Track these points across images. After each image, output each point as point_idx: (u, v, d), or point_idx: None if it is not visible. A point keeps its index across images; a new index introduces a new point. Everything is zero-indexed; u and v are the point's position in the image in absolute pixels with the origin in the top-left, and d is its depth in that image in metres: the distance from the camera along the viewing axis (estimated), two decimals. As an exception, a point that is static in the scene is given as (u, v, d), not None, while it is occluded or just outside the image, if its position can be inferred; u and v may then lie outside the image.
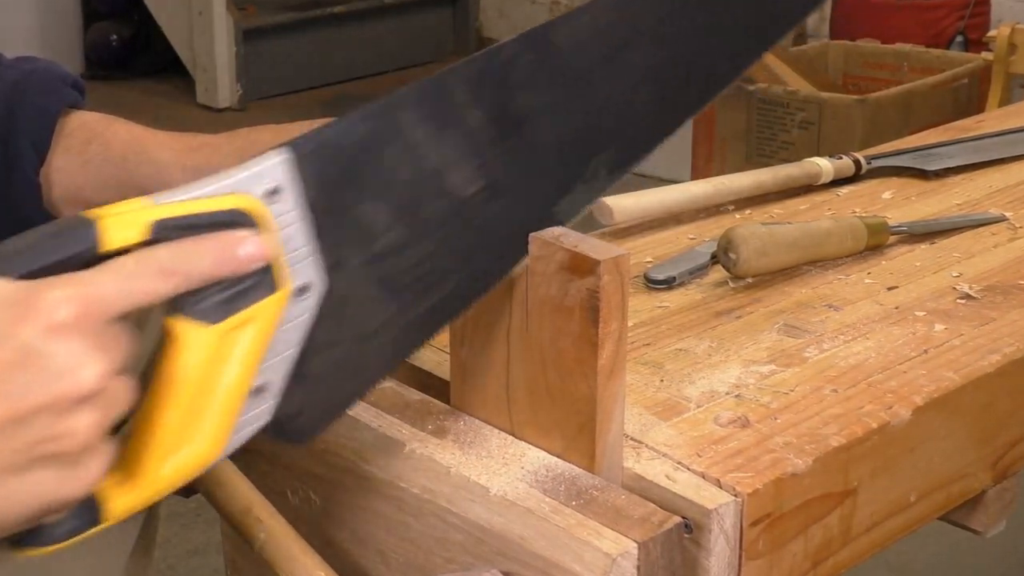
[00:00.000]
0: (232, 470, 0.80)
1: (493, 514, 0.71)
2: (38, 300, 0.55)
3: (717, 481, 0.73)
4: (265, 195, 0.62)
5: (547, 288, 0.73)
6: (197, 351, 0.60)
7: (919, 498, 0.85)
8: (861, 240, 1.03)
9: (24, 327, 0.55)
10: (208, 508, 0.82)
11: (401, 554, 0.77)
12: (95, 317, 0.56)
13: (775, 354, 0.88)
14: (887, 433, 0.80)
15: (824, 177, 1.18)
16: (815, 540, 0.78)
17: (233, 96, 4.78)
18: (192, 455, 0.61)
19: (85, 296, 0.56)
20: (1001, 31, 2.98)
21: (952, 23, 3.72)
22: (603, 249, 0.71)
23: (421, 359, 0.86)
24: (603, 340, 0.71)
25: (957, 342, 0.90)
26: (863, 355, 0.88)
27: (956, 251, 1.06)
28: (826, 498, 0.77)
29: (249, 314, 0.62)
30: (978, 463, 0.88)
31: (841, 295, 0.97)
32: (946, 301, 0.96)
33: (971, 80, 3.19)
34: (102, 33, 5.05)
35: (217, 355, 0.61)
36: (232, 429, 0.62)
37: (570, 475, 0.74)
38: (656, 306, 0.96)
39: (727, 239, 0.97)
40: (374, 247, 0.68)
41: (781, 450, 0.76)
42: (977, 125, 1.38)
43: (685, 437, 0.78)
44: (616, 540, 0.68)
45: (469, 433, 0.78)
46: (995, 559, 2.05)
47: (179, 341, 0.60)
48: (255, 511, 0.77)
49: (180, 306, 0.60)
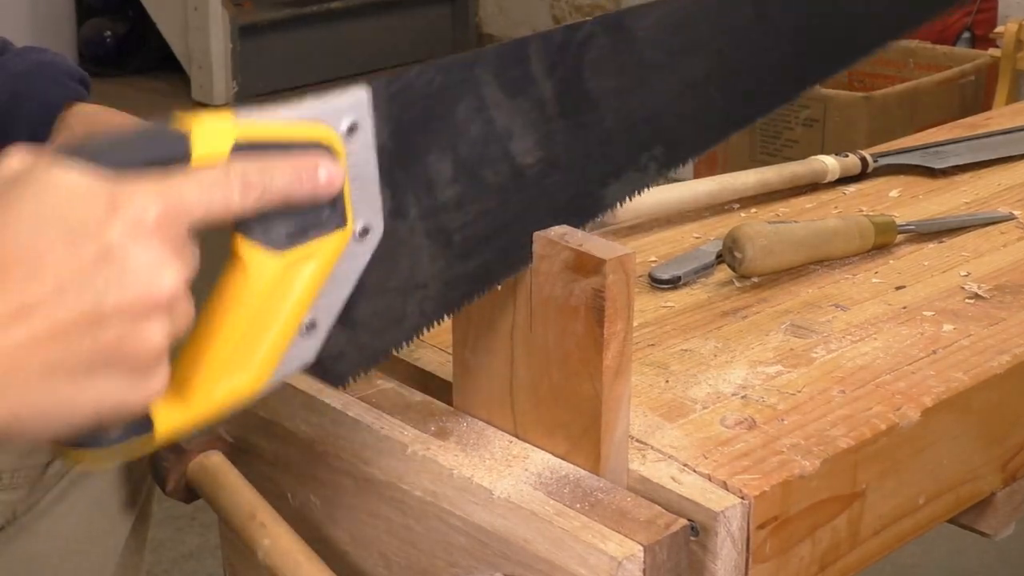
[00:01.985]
0: (235, 475, 0.79)
1: (496, 517, 0.71)
2: (126, 198, 0.54)
3: (724, 483, 0.73)
4: (344, 130, 0.63)
5: (551, 287, 0.73)
6: (262, 277, 0.61)
7: (928, 500, 0.84)
8: (868, 239, 1.03)
9: (110, 225, 0.54)
10: (204, 512, 0.81)
11: (403, 557, 0.76)
12: (178, 223, 0.56)
13: (782, 354, 0.88)
14: (896, 434, 0.80)
15: (830, 175, 1.18)
16: (823, 543, 0.77)
17: (229, 93, 4.77)
18: (241, 381, 0.62)
19: (171, 200, 0.56)
20: (1008, 27, 2.97)
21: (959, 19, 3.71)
22: (608, 248, 0.71)
23: (423, 359, 0.86)
24: (608, 340, 0.71)
25: (966, 342, 0.89)
26: (871, 356, 0.87)
27: (964, 250, 1.05)
28: (834, 500, 0.77)
29: (314, 247, 0.62)
30: (987, 465, 0.88)
31: (848, 295, 0.97)
32: (955, 301, 0.96)
33: (978, 77, 3.17)
34: (96, 29, 5.04)
35: (279, 284, 0.61)
36: (280, 361, 0.63)
37: (574, 477, 0.73)
38: (661, 306, 0.95)
39: (733, 238, 0.97)
40: (434, 199, 0.69)
41: (788, 452, 0.76)
42: (985, 122, 1.38)
43: (691, 439, 0.77)
44: (621, 543, 0.68)
45: (472, 434, 0.78)
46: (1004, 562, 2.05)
47: (246, 265, 0.60)
48: (259, 517, 0.76)
49: (250, 230, 0.60)
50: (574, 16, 5.18)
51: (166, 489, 0.82)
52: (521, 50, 0.71)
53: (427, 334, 0.84)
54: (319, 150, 0.62)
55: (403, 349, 0.73)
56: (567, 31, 0.73)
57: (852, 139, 2.81)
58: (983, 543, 0.99)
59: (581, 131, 0.74)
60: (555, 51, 0.72)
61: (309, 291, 0.63)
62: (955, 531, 0.93)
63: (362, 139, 0.64)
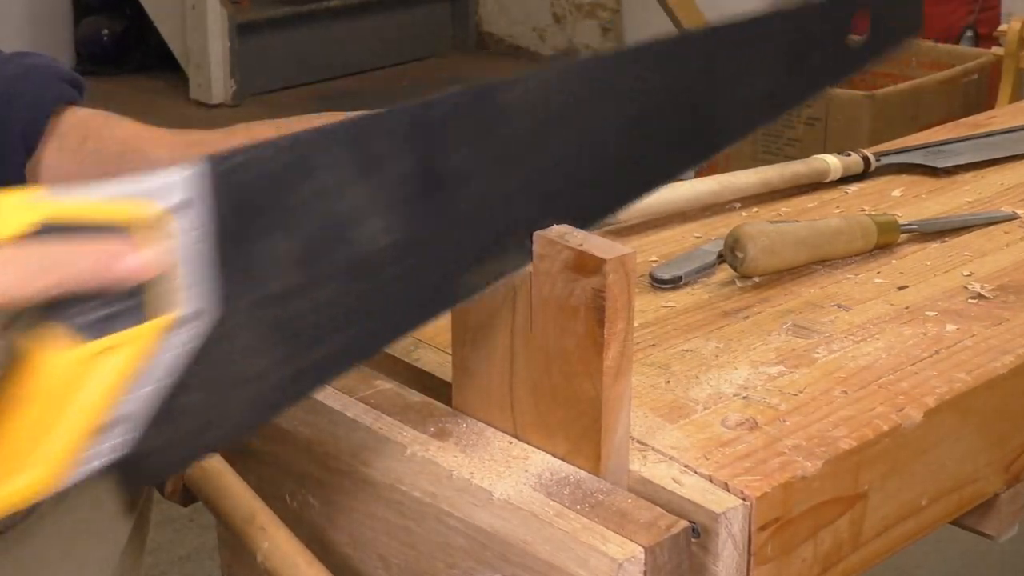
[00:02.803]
0: (234, 478, 0.79)
1: (496, 518, 0.71)
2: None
3: (725, 484, 0.72)
4: (173, 207, 0.58)
5: (551, 287, 0.72)
6: (53, 372, 0.55)
7: (931, 502, 0.84)
8: (871, 239, 1.02)
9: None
10: (201, 513, 0.81)
11: (402, 559, 0.76)
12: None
13: (783, 355, 0.87)
14: (898, 435, 0.79)
15: (832, 174, 1.18)
16: (825, 545, 0.77)
17: (227, 92, 4.76)
18: (28, 482, 0.56)
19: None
20: (1012, 25, 2.96)
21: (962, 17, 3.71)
22: (608, 248, 0.71)
23: (422, 360, 0.85)
24: (609, 340, 0.71)
25: (969, 343, 0.89)
26: (873, 356, 0.87)
27: (967, 250, 1.05)
28: (836, 502, 0.77)
29: (123, 337, 0.56)
30: (991, 466, 0.88)
31: (851, 295, 0.96)
32: (958, 301, 0.95)
33: (981, 75, 3.16)
34: (93, 28, 5.03)
35: (75, 379, 0.55)
36: (78, 461, 0.57)
37: (575, 478, 0.73)
38: (662, 306, 0.95)
39: (734, 237, 0.97)
40: (271, 286, 0.63)
41: (790, 453, 0.75)
42: (988, 121, 1.38)
43: (692, 439, 0.77)
44: (622, 545, 0.67)
45: (471, 435, 0.77)
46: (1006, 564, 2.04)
47: (37, 357, 0.54)
48: (258, 520, 0.76)
49: (43, 316, 0.54)
50: (574, 14, 5.18)
51: (165, 492, 0.81)
52: (370, 128, 0.66)
53: (426, 334, 0.84)
54: (137, 231, 0.56)
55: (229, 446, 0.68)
56: (426, 107, 0.68)
57: (854, 138, 2.80)
58: (985, 544, 0.99)
59: (441, 212, 0.69)
60: (409, 127, 0.67)
61: (114, 386, 0.56)
62: (958, 533, 0.93)
63: (194, 217, 0.58)
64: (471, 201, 0.70)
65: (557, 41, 5.26)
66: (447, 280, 0.71)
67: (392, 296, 0.69)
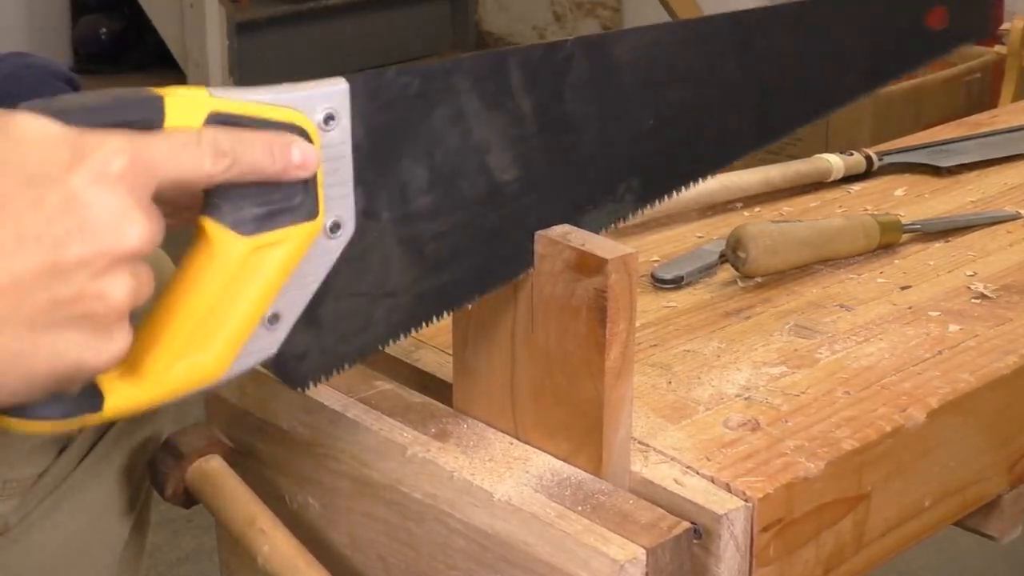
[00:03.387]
0: (234, 480, 0.79)
1: (497, 519, 0.70)
2: (92, 147, 0.53)
3: (727, 485, 0.72)
4: (320, 119, 0.62)
5: (553, 287, 0.72)
6: (227, 259, 0.59)
7: (934, 503, 0.84)
8: (874, 238, 1.02)
9: (74, 173, 0.52)
10: (200, 514, 0.80)
11: (402, 560, 0.76)
12: (145, 179, 0.54)
13: (786, 355, 0.87)
14: (901, 436, 0.79)
15: (835, 174, 1.17)
16: (827, 546, 0.77)
17: (226, 91, 4.76)
18: (199, 364, 0.60)
19: (139, 154, 0.54)
20: (1015, 24, 2.95)
21: (964, 16, 3.69)
22: (610, 247, 0.70)
23: (423, 360, 0.85)
24: (610, 341, 0.70)
25: (972, 343, 0.89)
26: (876, 356, 0.87)
27: (971, 249, 1.05)
28: (839, 503, 0.76)
29: (282, 235, 0.61)
30: (994, 467, 0.87)
31: (853, 295, 0.96)
32: (961, 301, 0.95)
33: (984, 74, 3.15)
34: (91, 26, 5.03)
35: (244, 268, 0.60)
36: (239, 350, 0.61)
37: (576, 479, 0.73)
38: (663, 306, 0.94)
39: (736, 237, 0.96)
40: (408, 206, 0.68)
41: (792, 454, 0.75)
42: (990, 120, 1.38)
43: (694, 440, 0.77)
44: (624, 546, 0.67)
45: (472, 436, 0.77)
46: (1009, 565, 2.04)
47: (212, 244, 0.59)
48: (259, 523, 0.76)
49: (217, 210, 0.59)
50: (574, 13, 5.18)
51: (165, 495, 0.81)
52: (501, 62, 0.70)
53: (427, 335, 0.84)
54: (294, 131, 0.61)
55: (368, 358, 0.71)
56: (547, 49, 0.72)
57: (856, 137, 2.80)
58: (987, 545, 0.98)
59: (559, 152, 0.73)
60: (535, 67, 0.71)
61: (275, 280, 0.61)
62: (961, 534, 0.92)
63: (338, 131, 0.63)
64: (585, 145, 0.74)
65: (557, 40, 5.25)
66: (563, 220, 0.74)
67: (514, 227, 0.72)
